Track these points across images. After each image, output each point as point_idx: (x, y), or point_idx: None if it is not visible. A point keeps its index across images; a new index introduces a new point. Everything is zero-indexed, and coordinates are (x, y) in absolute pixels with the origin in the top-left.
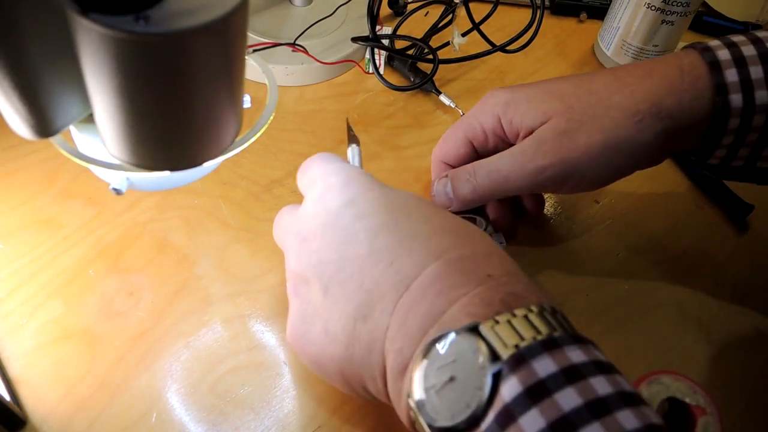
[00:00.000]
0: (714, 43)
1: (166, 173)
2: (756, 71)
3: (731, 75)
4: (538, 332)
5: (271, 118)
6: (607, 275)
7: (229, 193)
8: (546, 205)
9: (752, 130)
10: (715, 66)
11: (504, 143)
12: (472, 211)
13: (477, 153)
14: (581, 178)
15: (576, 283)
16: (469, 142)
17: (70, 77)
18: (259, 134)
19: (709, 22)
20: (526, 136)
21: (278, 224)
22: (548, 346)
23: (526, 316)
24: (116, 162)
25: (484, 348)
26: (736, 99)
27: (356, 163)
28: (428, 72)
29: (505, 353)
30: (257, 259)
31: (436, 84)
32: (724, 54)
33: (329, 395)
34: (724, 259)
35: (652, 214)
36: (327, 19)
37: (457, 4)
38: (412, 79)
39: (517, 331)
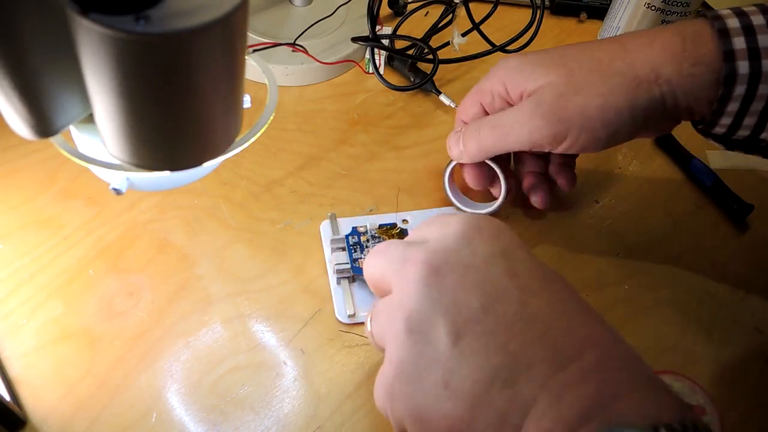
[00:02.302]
0: (724, 11)
1: (166, 173)
2: (764, 40)
3: (739, 42)
4: None
5: (271, 118)
6: (607, 275)
7: (229, 193)
8: (546, 205)
9: (757, 98)
10: (723, 33)
11: (509, 105)
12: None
13: (487, 114)
14: (576, 139)
15: (576, 283)
16: (478, 103)
17: (70, 77)
18: (259, 134)
19: None
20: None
21: (386, 252)
22: None
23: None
24: (116, 162)
25: None
26: (743, 66)
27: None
28: (428, 72)
29: None
30: (257, 259)
31: (436, 84)
32: (733, 22)
33: (329, 395)
34: (724, 259)
35: (652, 214)
36: (327, 19)
37: (457, 4)
38: (412, 79)
39: None
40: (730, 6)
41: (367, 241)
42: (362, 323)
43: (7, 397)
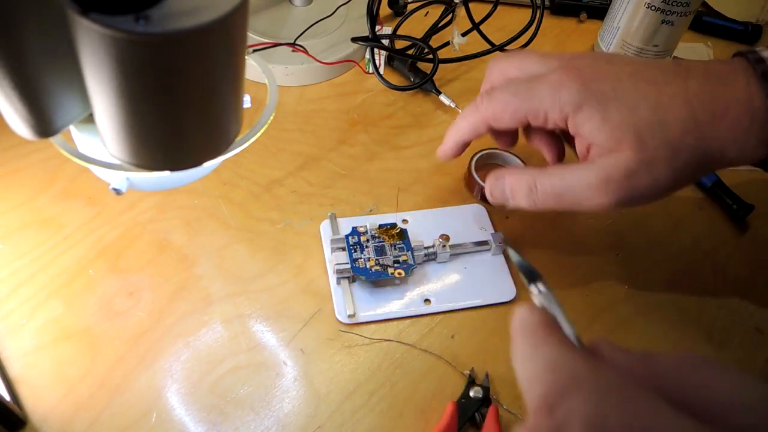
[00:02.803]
0: None
1: (166, 173)
2: None
3: None
4: None
5: (271, 118)
6: (607, 275)
7: (229, 193)
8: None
9: None
10: (767, 77)
11: (563, 132)
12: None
13: (528, 122)
14: (633, 204)
15: (576, 283)
16: (527, 121)
17: (70, 77)
18: (259, 134)
19: (709, 22)
20: (594, 151)
21: (547, 368)
22: None
23: None
24: (116, 162)
25: None
26: None
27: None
28: (428, 72)
29: None
30: (257, 259)
31: (436, 84)
32: None
33: (329, 395)
34: (724, 259)
35: (652, 214)
36: (327, 19)
37: (457, 4)
38: (412, 79)
39: None
40: (730, 7)
41: (367, 241)
42: (362, 323)
43: (7, 397)
